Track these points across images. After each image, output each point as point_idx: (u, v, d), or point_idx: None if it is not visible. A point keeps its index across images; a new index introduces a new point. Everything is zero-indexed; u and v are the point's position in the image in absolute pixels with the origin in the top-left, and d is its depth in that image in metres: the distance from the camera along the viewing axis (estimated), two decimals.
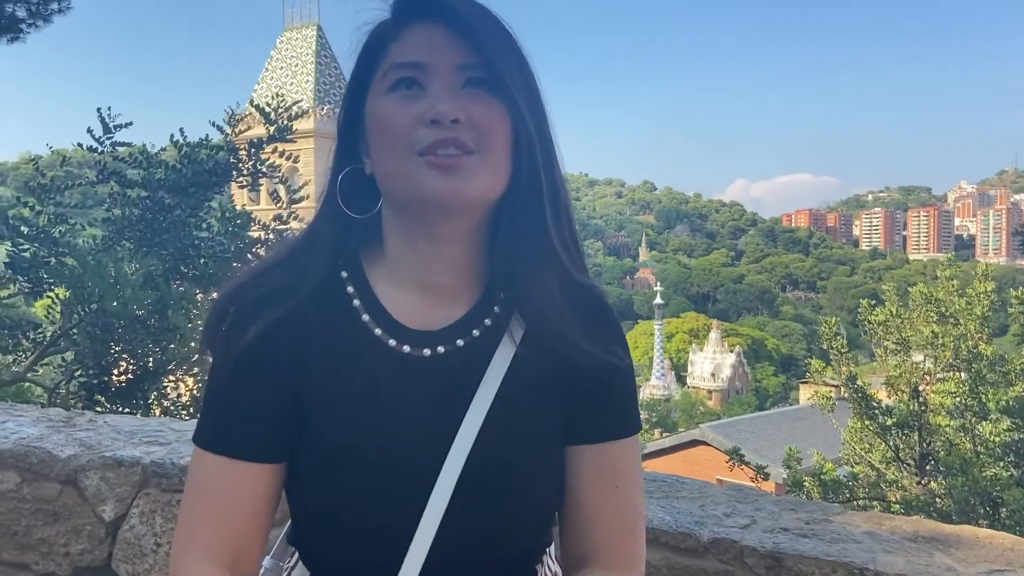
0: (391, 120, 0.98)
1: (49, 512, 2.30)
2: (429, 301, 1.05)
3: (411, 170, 0.96)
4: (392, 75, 1.00)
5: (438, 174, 0.95)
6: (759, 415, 33.59)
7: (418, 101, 0.97)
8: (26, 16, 8.78)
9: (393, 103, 0.99)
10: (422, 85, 0.98)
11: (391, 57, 1.01)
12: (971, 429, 8.14)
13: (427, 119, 0.96)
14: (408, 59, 0.99)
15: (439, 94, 0.97)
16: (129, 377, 5.58)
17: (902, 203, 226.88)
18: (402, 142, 0.97)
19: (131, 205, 6.31)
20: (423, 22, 1.00)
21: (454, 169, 0.95)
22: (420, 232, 1.02)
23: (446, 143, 0.95)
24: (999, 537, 1.99)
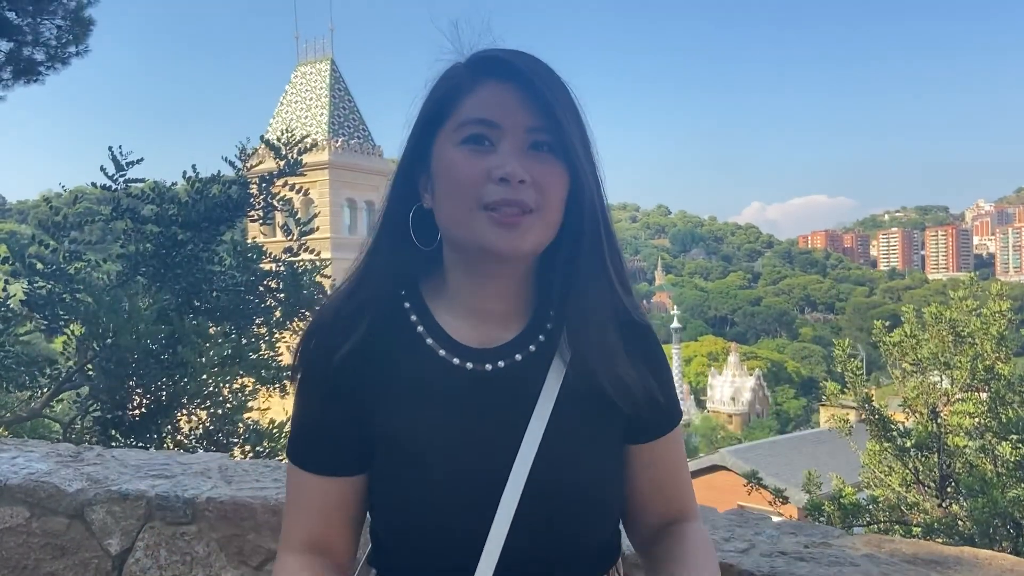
0: (462, 172, 1.06)
1: (57, 546, 2.34)
2: (484, 326, 1.14)
3: (475, 222, 1.06)
4: (466, 129, 1.08)
5: (499, 230, 1.05)
6: (779, 439, 33.24)
7: (488, 157, 1.06)
8: (44, 59, 8.98)
9: (464, 156, 1.07)
10: (492, 142, 1.07)
11: (465, 110, 1.09)
12: (991, 450, 8.04)
13: (496, 176, 1.04)
14: (483, 116, 1.07)
15: (509, 154, 1.06)
16: (143, 411, 5.63)
17: (919, 223, 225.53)
18: (470, 194, 1.05)
19: (145, 240, 6.41)
20: (497, 80, 1.09)
21: (514, 227, 1.05)
22: (477, 268, 1.12)
23: (511, 203, 1.04)
24: (999, 558, 1.98)
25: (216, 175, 6.82)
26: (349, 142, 46.36)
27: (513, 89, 1.08)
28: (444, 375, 1.11)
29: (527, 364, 1.12)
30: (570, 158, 1.09)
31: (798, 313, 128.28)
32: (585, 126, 1.12)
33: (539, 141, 1.08)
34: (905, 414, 8.95)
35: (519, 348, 1.13)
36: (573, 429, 1.11)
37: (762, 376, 72.52)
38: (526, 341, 1.14)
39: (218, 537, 2.24)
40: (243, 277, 6.61)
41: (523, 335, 1.14)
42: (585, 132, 1.12)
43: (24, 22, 8.45)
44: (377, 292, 1.14)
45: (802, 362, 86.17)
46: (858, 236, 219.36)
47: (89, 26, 9.00)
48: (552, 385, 1.11)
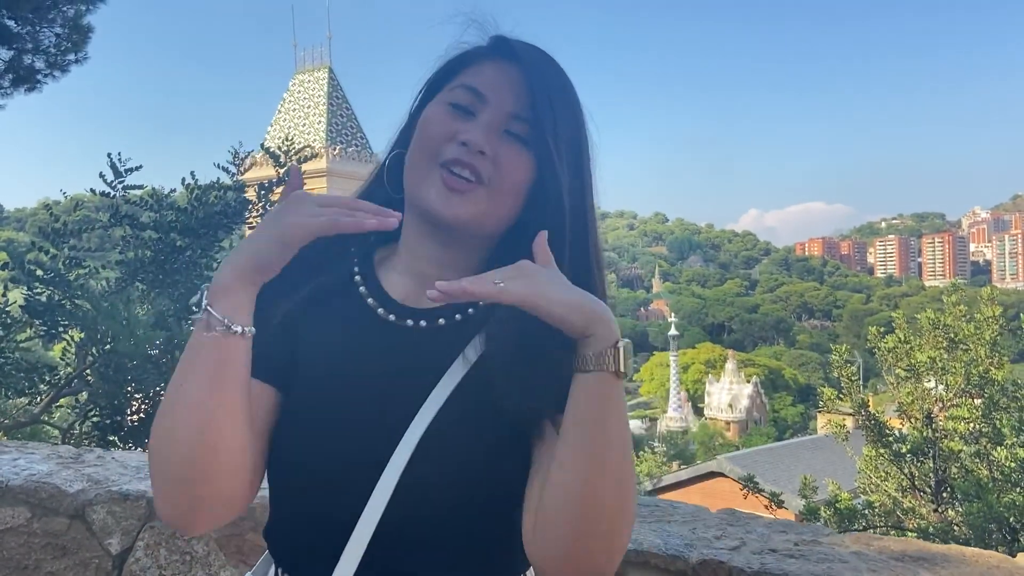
0: (433, 126, 1.10)
1: (58, 546, 2.36)
2: (422, 287, 1.10)
3: (427, 176, 1.08)
4: (455, 93, 1.12)
5: (445, 191, 1.07)
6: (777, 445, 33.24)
7: (462, 123, 1.09)
8: (44, 67, 9.02)
9: (442, 113, 1.11)
10: (473, 113, 1.10)
11: (462, 76, 1.13)
12: (987, 455, 8.07)
13: (459, 139, 1.07)
14: (474, 85, 1.11)
15: (481, 126, 1.08)
16: (142, 416, 5.65)
17: (916, 230, 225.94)
18: (432, 148, 1.09)
19: (143, 247, 6.44)
20: (502, 60, 1.12)
21: (458, 192, 1.07)
22: (428, 230, 1.13)
23: (463, 164, 1.06)
24: (986, 555, 2.01)
25: (215, 182, 6.86)
26: (347, 150, 46.47)
27: (512, 73, 1.11)
28: (366, 321, 1.12)
29: (449, 329, 1.11)
30: (541, 154, 1.09)
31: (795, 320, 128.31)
32: (580, 131, 1.13)
33: (515, 130, 1.10)
34: (900, 420, 8.99)
35: (445, 313, 1.12)
36: (479, 403, 1.04)
37: (759, 383, 72.46)
38: (455, 309, 1.12)
39: (217, 536, 2.27)
40: None
41: (455, 304, 1.09)
42: (578, 137, 1.12)
43: (24, 30, 8.49)
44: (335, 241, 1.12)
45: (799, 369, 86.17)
46: (855, 243, 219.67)
47: (88, 33, 9.05)
48: (469, 356, 1.08)
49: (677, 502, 2.38)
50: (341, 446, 1.04)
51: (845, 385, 9.22)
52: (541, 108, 1.09)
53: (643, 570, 1.96)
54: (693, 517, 2.26)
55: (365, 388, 1.07)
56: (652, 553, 1.98)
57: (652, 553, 1.98)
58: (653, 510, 2.30)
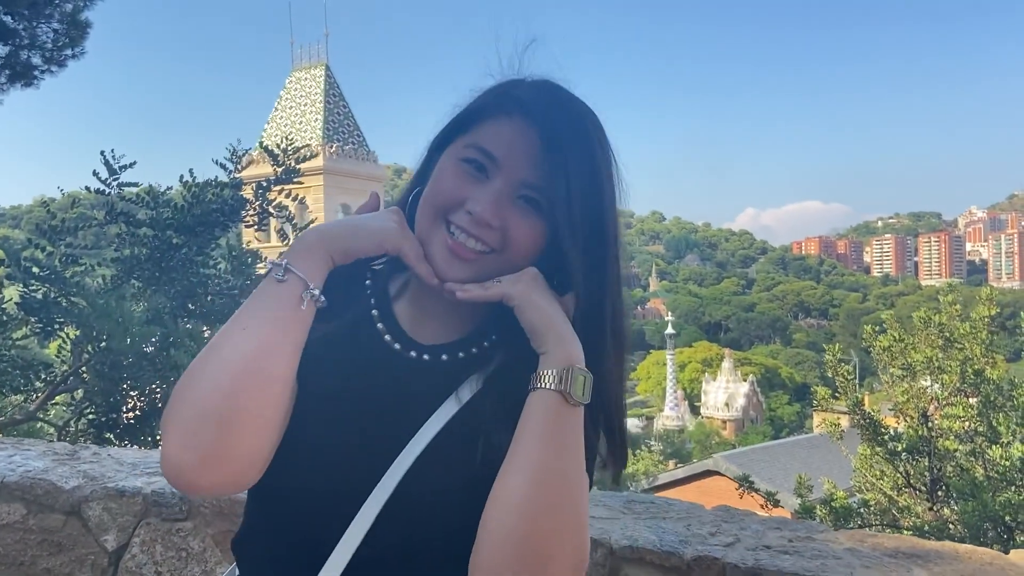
0: (445, 183, 1.09)
1: (54, 542, 2.37)
2: (430, 322, 1.15)
3: (433, 233, 1.09)
4: (469, 151, 1.10)
5: (447, 255, 1.07)
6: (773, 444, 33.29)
7: (474, 186, 1.08)
8: (41, 63, 9.00)
9: (456, 171, 1.10)
10: (487, 174, 1.08)
11: (479, 133, 1.10)
12: (982, 453, 8.09)
13: (467, 207, 1.07)
14: (489, 148, 1.09)
15: (492, 194, 1.07)
16: (137, 414, 5.65)
17: (912, 229, 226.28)
18: (442, 208, 1.08)
19: (139, 244, 6.44)
20: (519, 118, 1.09)
21: (466, 261, 1.07)
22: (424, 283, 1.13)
23: (468, 234, 1.06)
24: (979, 552, 2.02)
25: (212, 180, 6.85)
26: (344, 148, 46.41)
27: (528, 134, 1.08)
28: (372, 344, 1.12)
29: (450, 366, 1.12)
30: (557, 219, 1.07)
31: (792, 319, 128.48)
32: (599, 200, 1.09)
33: (527, 196, 1.08)
34: (896, 418, 9.01)
35: (449, 351, 1.13)
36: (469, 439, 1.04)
37: (756, 382, 72.58)
38: (459, 348, 1.13)
39: (213, 533, 2.27)
40: (238, 281, 6.64)
41: (461, 341, 1.14)
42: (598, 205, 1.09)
43: (20, 26, 8.47)
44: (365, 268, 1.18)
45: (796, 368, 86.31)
46: (852, 242, 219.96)
47: (86, 29, 9.03)
48: (463, 396, 1.08)
49: (673, 499, 2.39)
50: (328, 468, 1.03)
51: (841, 384, 9.23)
52: (560, 172, 1.06)
53: (638, 566, 1.96)
54: (688, 514, 2.26)
55: (361, 412, 1.07)
56: (647, 549, 1.99)
57: (647, 549, 1.99)
58: (648, 507, 2.31)
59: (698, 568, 1.94)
